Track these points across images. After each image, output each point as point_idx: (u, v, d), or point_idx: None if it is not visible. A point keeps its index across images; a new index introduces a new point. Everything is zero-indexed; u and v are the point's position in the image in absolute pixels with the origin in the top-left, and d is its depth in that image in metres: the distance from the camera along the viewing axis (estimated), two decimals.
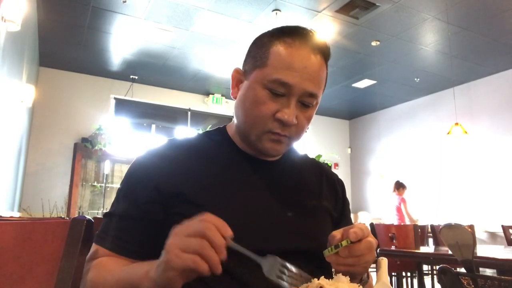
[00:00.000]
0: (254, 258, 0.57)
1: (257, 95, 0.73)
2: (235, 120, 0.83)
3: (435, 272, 3.95)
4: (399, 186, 5.91)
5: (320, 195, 0.86)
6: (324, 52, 0.76)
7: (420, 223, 4.34)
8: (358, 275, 0.68)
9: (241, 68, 0.81)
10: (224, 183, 0.75)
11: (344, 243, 0.63)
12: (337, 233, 0.65)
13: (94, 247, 0.73)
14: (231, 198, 0.74)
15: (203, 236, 0.50)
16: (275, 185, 0.80)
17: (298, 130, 0.77)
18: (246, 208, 0.74)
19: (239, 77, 0.80)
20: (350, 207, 0.95)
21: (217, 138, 0.84)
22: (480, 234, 5.64)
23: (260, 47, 0.77)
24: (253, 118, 0.74)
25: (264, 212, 0.75)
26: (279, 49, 0.74)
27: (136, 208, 0.72)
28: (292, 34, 0.75)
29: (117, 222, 0.73)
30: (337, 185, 0.93)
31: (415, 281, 3.51)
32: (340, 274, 0.59)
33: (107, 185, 5.91)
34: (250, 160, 0.81)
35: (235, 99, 0.81)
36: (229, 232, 0.51)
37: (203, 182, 0.74)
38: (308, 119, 0.77)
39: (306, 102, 0.75)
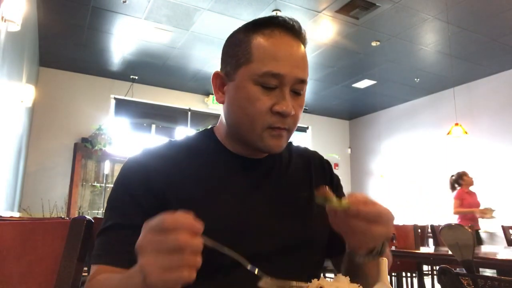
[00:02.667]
0: (237, 259, 0.54)
1: (249, 92, 0.71)
2: (223, 121, 0.81)
3: (435, 272, 3.95)
4: (457, 179, 4.79)
5: (311, 184, 0.85)
6: (303, 37, 0.76)
7: (420, 223, 4.32)
8: (364, 247, 0.65)
9: (220, 71, 0.79)
10: (214, 186, 0.75)
11: (336, 203, 0.60)
12: (356, 194, 0.63)
13: (92, 268, 0.68)
14: (222, 203, 0.73)
15: (182, 249, 0.47)
16: (266, 182, 0.79)
17: (295, 121, 0.75)
18: (237, 211, 0.73)
19: (220, 80, 0.78)
20: None
21: (205, 141, 0.83)
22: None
23: (239, 45, 0.75)
24: (250, 117, 0.72)
25: (257, 212, 0.74)
26: (260, 42, 0.72)
27: (136, 215, 0.69)
28: (268, 25, 0.74)
29: (118, 235, 0.69)
30: (325, 165, 0.92)
31: (415, 281, 3.51)
32: (340, 274, 0.59)
33: (107, 185, 5.91)
34: (239, 160, 0.79)
35: (222, 103, 0.79)
36: (200, 228, 0.49)
37: (193, 187, 0.73)
38: (301, 107, 0.76)
39: (297, 90, 0.74)
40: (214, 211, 0.71)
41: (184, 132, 6.90)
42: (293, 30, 0.74)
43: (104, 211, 0.76)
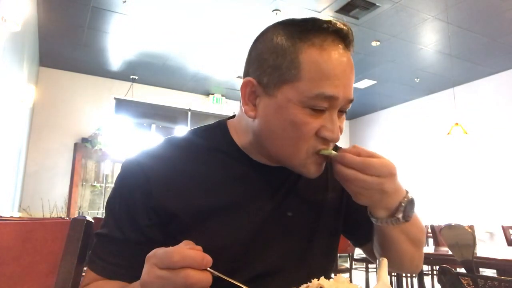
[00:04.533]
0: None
1: (296, 115, 0.62)
2: (244, 124, 0.71)
3: (435, 272, 3.95)
4: None
5: (327, 186, 0.78)
6: (352, 42, 0.66)
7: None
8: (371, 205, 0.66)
9: (253, 78, 0.65)
10: (225, 196, 0.69)
11: (328, 151, 0.63)
12: (359, 147, 0.64)
13: (87, 271, 0.68)
14: (234, 216, 0.68)
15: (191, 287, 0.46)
16: (281, 191, 0.73)
17: (336, 142, 0.68)
18: (250, 225, 0.68)
19: (252, 89, 0.66)
20: None
21: (216, 140, 0.73)
22: (480, 234, 5.64)
23: (283, 55, 0.62)
24: (293, 142, 0.63)
25: (269, 226, 0.70)
26: (311, 55, 0.61)
27: (131, 231, 0.66)
28: (319, 31, 0.62)
29: (111, 246, 0.67)
30: None
31: (415, 281, 3.51)
32: (340, 274, 0.58)
33: (107, 185, 5.91)
34: (255, 167, 0.72)
35: (252, 118, 0.67)
36: (209, 262, 0.47)
37: (201, 196, 0.67)
38: (343, 126, 0.69)
39: (344, 109, 0.67)
40: (225, 225, 0.67)
41: (184, 132, 6.90)
42: (344, 37, 0.64)
43: (104, 210, 0.75)
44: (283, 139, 0.64)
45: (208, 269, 0.48)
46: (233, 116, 0.78)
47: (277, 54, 0.63)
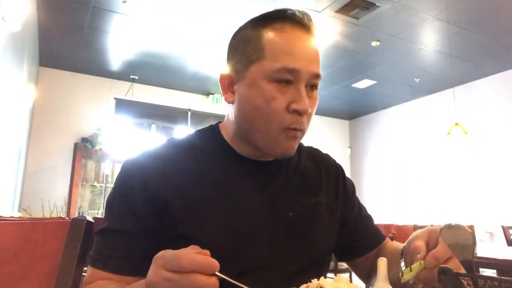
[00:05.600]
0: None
1: (264, 91, 0.68)
2: (231, 120, 0.76)
3: None
4: None
5: (319, 191, 0.82)
6: (313, 28, 0.73)
7: (420, 223, 4.32)
8: None
9: (227, 71, 0.74)
10: (217, 190, 0.72)
11: (416, 266, 0.57)
12: (421, 244, 0.59)
13: (89, 270, 0.69)
14: (225, 208, 0.71)
15: None
16: (272, 187, 0.76)
17: (309, 119, 0.72)
18: (240, 217, 0.71)
19: (229, 80, 0.74)
20: None
21: (209, 139, 0.79)
22: (480, 234, 5.64)
23: (248, 41, 0.71)
24: (265, 118, 0.68)
25: (260, 220, 0.72)
26: (272, 36, 0.69)
27: (130, 221, 0.68)
28: (278, 18, 0.71)
29: (112, 240, 0.68)
30: (338, 171, 0.92)
31: None
32: (340, 274, 0.58)
33: (107, 185, 5.91)
34: (245, 163, 0.76)
35: (231, 103, 0.74)
36: (217, 267, 0.48)
37: (195, 190, 0.71)
38: (316, 104, 0.73)
39: (312, 85, 0.71)
40: (217, 217, 0.69)
41: (184, 132, 6.90)
42: (303, 24, 0.71)
43: (104, 210, 0.76)
44: (256, 117, 0.69)
45: (216, 273, 0.48)
46: None
47: (244, 42, 0.72)
